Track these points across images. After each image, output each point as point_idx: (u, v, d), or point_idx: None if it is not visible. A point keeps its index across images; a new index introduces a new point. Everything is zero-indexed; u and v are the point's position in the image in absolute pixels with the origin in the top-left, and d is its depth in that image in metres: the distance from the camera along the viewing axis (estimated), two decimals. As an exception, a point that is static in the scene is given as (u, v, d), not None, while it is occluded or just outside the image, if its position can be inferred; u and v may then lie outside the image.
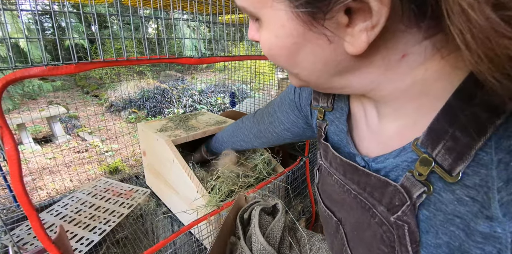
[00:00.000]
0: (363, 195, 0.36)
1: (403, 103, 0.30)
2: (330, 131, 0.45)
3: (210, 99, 5.23)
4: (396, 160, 0.31)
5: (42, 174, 2.80)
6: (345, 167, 0.39)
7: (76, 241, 0.92)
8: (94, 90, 6.60)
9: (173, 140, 0.92)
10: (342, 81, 0.32)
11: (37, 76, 0.39)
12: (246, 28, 0.76)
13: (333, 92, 0.42)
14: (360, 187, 0.36)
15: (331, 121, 0.45)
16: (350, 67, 0.29)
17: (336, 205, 0.43)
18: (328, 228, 0.46)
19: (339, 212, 0.42)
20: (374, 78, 0.30)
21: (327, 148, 0.43)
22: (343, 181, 0.40)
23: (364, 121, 0.38)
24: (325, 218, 0.46)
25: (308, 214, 1.12)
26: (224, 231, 0.56)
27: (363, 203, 0.36)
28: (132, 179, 1.35)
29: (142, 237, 1.11)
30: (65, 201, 1.15)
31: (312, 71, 0.31)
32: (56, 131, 3.55)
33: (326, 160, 0.45)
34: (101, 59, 0.42)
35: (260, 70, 2.14)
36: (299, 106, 0.56)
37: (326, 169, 0.45)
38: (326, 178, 0.45)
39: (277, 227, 0.53)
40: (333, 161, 0.42)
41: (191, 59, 0.51)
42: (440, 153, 0.25)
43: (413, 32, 0.25)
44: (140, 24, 0.46)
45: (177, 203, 1.00)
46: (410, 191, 0.29)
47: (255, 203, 0.58)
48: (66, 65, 0.40)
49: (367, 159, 0.36)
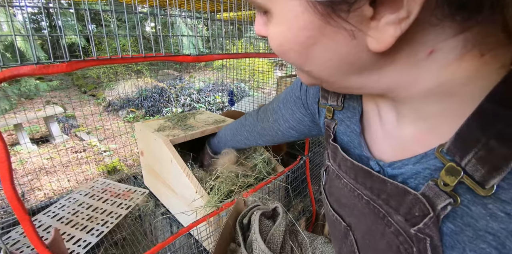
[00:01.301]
0: (376, 202, 0.33)
1: (425, 105, 0.28)
2: (339, 131, 0.43)
3: (208, 98, 5.21)
4: (417, 167, 0.29)
5: (40, 174, 2.78)
6: (356, 171, 0.36)
7: (73, 243, 0.90)
8: (91, 90, 6.56)
9: (171, 140, 0.91)
10: (360, 80, 0.29)
11: (27, 75, 0.37)
12: (245, 26, 0.74)
13: (347, 93, 0.39)
14: (374, 193, 0.34)
15: (340, 121, 0.43)
16: (370, 65, 0.26)
17: (345, 210, 0.41)
18: (336, 233, 0.44)
19: (349, 217, 0.40)
20: (396, 77, 0.27)
21: (336, 149, 0.41)
22: (354, 185, 0.37)
23: (378, 122, 0.36)
24: (333, 222, 0.44)
25: (308, 214, 1.11)
26: (224, 237, 0.54)
27: (376, 210, 0.33)
28: (130, 179, 1.33)
29: (140, 238, 1.10)
30: (62, 202, 1.13)
31: (327, 69, 0.28)
32: (53, 131, 3.53)
33: (335, 162, 0.42)
34: (94, 57, 0.40)
35: (258, 68, 2.12)
36: (306, 104, 0.53)
37: (334, 171, 0.43)
38: (334, 181, 0.43)
39: (278, 231, 0.52)
40: (343, 164, 0.39)
41: (188, 57, 0.50)
42: (471, 163, 0.23)
43: (445, 26, 0.22)
44: (135, 20, 0.45)
45: (175, 204, 0.98)
46: (434, 201, 0.26)
47: (255, 207, 0.57)
48: (58, 64, 0.38)
49: (382, 164, 0.33)
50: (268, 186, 0.87)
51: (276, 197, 0.98)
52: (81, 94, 6.37)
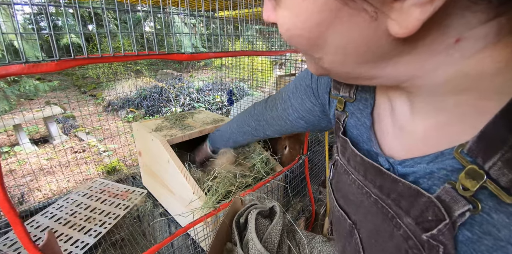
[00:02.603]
0: (385, 201, 0.31)
1: (443, 98, 0.25)
2: (349, 123, 0.41)
3: (208, 97, 5.20)
4: (431, 166, 0.27)
5: (39, 175, 2.77)
6: (366, 167, 0.34)
7: (71, 244, 0.90)
8: (91, 90, 6.56)
9: (169, 140, 0.90)
10: (375, 70, 0.26)
11: (16, 74, 0.36)
12: (243, 25, 0.73)
13: (357, 83, 0.35)
14: (383, 192, 0.32)
15: (351, 113, 0.40)
16: (388, 53, 0.24)
17: (351, 206, 0.39)
18: (340, 230, 0.42)
19: (355, 215, 0.38)
20: (414, 66, 0.24)
21: (346, 143, 0.39)
22: (362, 182, 0.35)
23: (390, 116, 0.34)
24: (338, 218, 0.42)
25: (307, 213, 1.10)
26: (220, 237, 0.54)
27: (385, 210, 0.31)
28: (128, 179, 1.33)
29: (139, 238, 1.09)
30: (60, 203, 1.13)
31: (340, 56, 0.26)
32: (52, 131, 3.52)
33: (344, 156, 0.40)
34: (85, 56, 0.39)
35: (258, 67, 2.11)
36: (316, 93, 0.51)
37: (342, 166, 0.41)
38: (342, 176, 0.41)
39: (275, 231, 0.51)
40: (352, 159, 0.37)
41: (182, 55, 0.49)
42: (496, 166, 0.21)
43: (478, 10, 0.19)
44: (128, 17, 0.44)
45: (173, 204, 0.97)
46: (450, 207, 0.24)
47: (251, 206, 0.56)
48: (47, 63, 0.37)
49: (393, 161, 0.31)
50: (266, 186, 0.87)
51: (275, 196, 0.97)
52: (80, 95, 6.37)
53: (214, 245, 0.51)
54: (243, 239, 0.52)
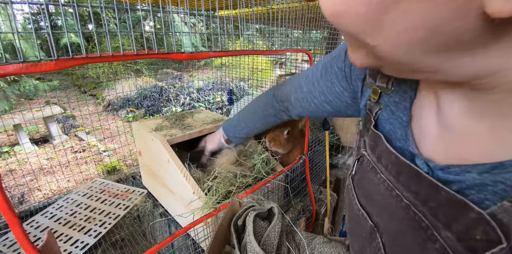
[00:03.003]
0: (419, 208, 0.28)
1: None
2: (382, 117, 0.37)
3: (208, 97, 5.20)
4: (484, 178, 0.23)
5: (39, 175, 2.77)
6: (401, 169, 0.30)
7: (71, 244, 0.89)
8: (91, 90, 6.56)
9: (169, 140, 0.90)
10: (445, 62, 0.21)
11: (13, 74, 0.36)
12: (243, 24, 0.73)
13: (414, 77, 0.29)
14: (418, 198, 0.28)
15: (385, 106, 0.36)
16: (473, 39, 0.18)
17: (375, 207, 0.35)
18: (358, 230, 0.39)
19: (378, 217, 0.35)
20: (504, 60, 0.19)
21: (378, 139, 0.35)
22: (394, 183, 0.31)
23: (434, 115, 0.29)
24: (357, 217, 0.38)
25: (308, 213, 1.09)
26: (218, 239, 0.53)
27: (417, 218, 0.28)
28: (128, 179, 1.32)
29: (139, 238, 1.09)
30: (60, 203, 1.13)
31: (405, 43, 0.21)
32: (52, 131, 3.52)
33: (374, 152, 0.36)
34: (84, 55, 0.39)
35: (258, 67, 2.11)
36: (349, 78, 0.46)
37: (370, 162, 0.36)
38: (369, 174, 0.37)
39: (273, 233, 0.50)
40: (385, 157, 0.33)
41: (182, 54, 0.48)
42: None
43: None
44: (126, 16, 0.43)
45: (173, 204, 0.97)
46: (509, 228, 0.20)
47: (249, 208, 0.55)
48: (45, 62, 0.37)
49: (433, 166, 0.28)
50: (267, 186, 0.86)
51: (275, 196, 0.96)
52: (80, 94, 6.37)
53: (212, 248, 0.50)
54: (242, 242, 0.52)
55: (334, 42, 1.43)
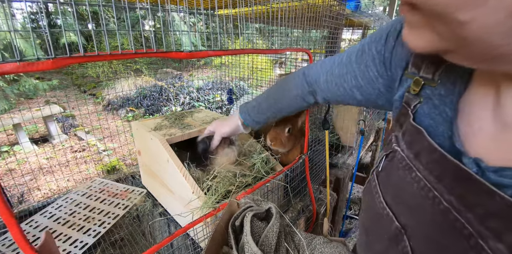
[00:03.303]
0: (462, 214, 0.25)
1: None
2: (421, 111, 0.34)
3: (208, 96, 5.20)
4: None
5: (39, 174, 2.77)
6: (445, 168, 0.28)
7: (70, 244, 0.89)
8: (91, 89, 6.55)
9: (168, 139, 0.89)
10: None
11: (10, 73, 0.36)
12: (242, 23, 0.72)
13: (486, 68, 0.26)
14: (463, 203, 0.25)
15: (427, 99, 0.33)
16: None
17: (403, 208, 0.33)
18: (380, 229, 0.36)
19: (406, 218, 0.32)
20: None
21: (419, 134, 0.31)
22: (432, 184, 0.29)
23: (491, 110, 0.27)
24: (379, 216, 0.36)
25: (308, 213, 1.09)
26: (216, 240, 0.53)
27: (458, 224, 0.25)
28: (128, 178, 1.32)
29: (138, 238, 1.09)
30: (59, 202, 1.12)
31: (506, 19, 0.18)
32: (52, 131, 3.52)
33: (411, 148, 0.33)
34: (81, 53, 0.39)
35: (258, 66, 2.10)
36: (388, 64, 0.42)
37: (404, 159, 0.34)
38: (400, 171, 0.34)
39: (271, 233, 0.50)
40: (425, 154, 0.30)
41: (181, 53, 0.48)
42: None
43: None
44: (125, 14, 0.43)
45: (173, 204, 0.97)
46: None
47: (247, 209, 0.55)
48: (43, 61, 0.37)
49: (485, 166, 0.25)
50: (266, 186, 0.86)
51: (275, 196, 0.96)
52: (80, 94, 6.37)
53: (209, 248, 0.50)
54: (239, 243, 0.52)
55: (334, 41, 1.43)
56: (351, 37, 2.97)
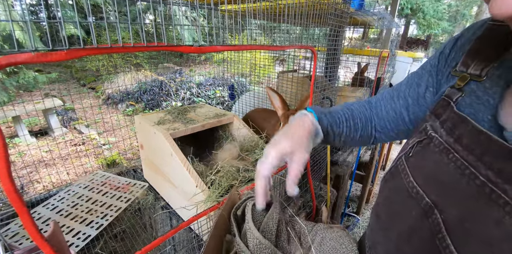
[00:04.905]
0: (499, 186, 0.29)
1: None
2: (463, 102, 0.39)
3: (208, 92, 5.19)
4: None
5: (39, 167, 2.77)
6: (487, 147, 0.32)
7: (73, 236, 0.90)
8: (90, 83, 6.52)
9: (172, 133, 0.90)
10: None
11: (25, 63, 0.36)
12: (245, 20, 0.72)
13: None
14: (501, 176, 0.29)
15: (470, 93, 0.39)
16: None
17: (436, 187, 0.37)
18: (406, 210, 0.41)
19: (438, 195, 0.37)
20: None
21: (464, 121, 0.36)
22: (471, 162, 0.33)
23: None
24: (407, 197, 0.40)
25: (308, 209, 1.10)
26: (219, 229, 0.54)
27: (494, 196, 0.30)
28: (129, 172, 1.33)
29: (140, 231, 1.10)
30: (62, 194, 1.13)
31: None
32: (52, 124, 3.51)
33: (451, 134, 0.38)
34: (95, 45, 0.39)
35: (259, 63, 2.10)
36: (440, 69, 0.48)
37: (442, 144, 0.38)
38: (435, 155, 0.39)
39: (271, 220, 0.51)
40: (468, 138, 0.35)
41: (191, 47, 0.48)
42: None
43: None
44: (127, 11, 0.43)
45: (175, 197, 0.98)
46: None
47: (248, 199, 0.56)
48: (57, 52, 0.37)
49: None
50: (269, 181, 0.87)
51: (276, 191, 0.97)
52: (80, 87, 6.33)
53: (213, 236, 0.51)
54: (241, 231, 0.53)
55: (336, 39, 1.43)
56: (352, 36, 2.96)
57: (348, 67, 2.69)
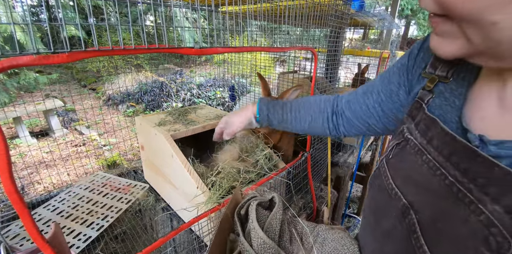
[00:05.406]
0: (465, 185, 0.30)
1: None
2: (433, 104, 0.40)
3: (208, 93, 5.19)
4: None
5: (39, 168, 2.77)
6: (454, 148, 0.33)
7: (74, 237, 0.90)
8: (91, 84, 6.53)
9: (172, 135, 0.90)
10: None
11: (26, 65, 0.36)
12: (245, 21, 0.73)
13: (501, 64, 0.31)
14: (467, 176, 0.30)
15: (439, 94, 0.40)
16: None
17: (411, 187, 0.38)
18: (387, 210, 0.42)
19: (414, 196, 0.37)
20: None
21: (433, 123, 0.37)
22: (441, 164, 0.34)
23: (496, 96, 0.32)
24: (388, 197, 0.41)
25: (309, 210, 1.10)
26: (223, 228, 0.54)
27: (461, 195, 0.30)
28: (130, 173, 1.33)
29: (141, 232, 1.10)
30: (62, 195, 1.13)
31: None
32: (52, 125, 3.52)
33: (424, 135, 0.38)
34: (96, 48, 0.39)
35: (259, 64, 2.10)
36: (411, 69, 0.48)
37: (416, 146, 0.39)
38: (410, 156, 0.40)
39: (275, 220, 0.51)
40: (437, 139, 0.36)
41: (192, 49, 0.49)
42: None
43: None
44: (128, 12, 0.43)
45: (176, 199, 0.98)
46: None
47: (252, 198, 0.57)
48: (58, 54, 0.37)
49: (487, 140, 0.30)
50: (269, 182, 0.87)
51: (277, 193, 0.97)
52: (81, 88, 6.35)
53: (217, 235, 0.51)
54: (245, 230, 0.53)
55: (337, 40, 1.43)
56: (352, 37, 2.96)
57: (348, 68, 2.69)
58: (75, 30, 5.21)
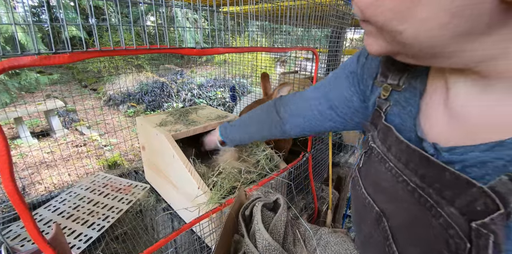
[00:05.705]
0: (425, 190, 0.31)
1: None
2: (391, 112, 0.40)
3: (209, 93, 5.19)
4: (486, 155, 0.26)
5: (40, 168, 2.78)
6: (409, 155, 0.33)
7: (75, 238, 0.90)
8: (92, 84, 6.54)
9: (173, 135, 0.90)
10: (464, 45, 0.24)
11: (27, 66, 0.36)
12: (246, 21, 0.73)
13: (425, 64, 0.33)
14: (425, 181, 0.31)
15: (395, 102, 0.39)
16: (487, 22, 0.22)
17: (381, 195, 0.39)
18: (365, 217, 0.42)
19: (384, 203, 0.38)
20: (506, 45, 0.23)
21: (389, 131, 0.38)
22: (401, 170, 0.35)
23: (443, 103, 0.33)
24: (363, 206, 0.42)
25: (310, 211, 1.10)
26: (227, 229, 0.54)
27: (422, 200, 0.31)
28: (131, 173, 1.33)
29: (141, 232, 1.10)
30: (63, 196, 1.13)
31: (430, 27, 0.24)
32: (53, 125, 3.52)
33: (384, 144, 0.39)
34: (98, 48, 0.39)
35: (259, 64, 2.10)
36: (360, 78, 0.47)
37: (379, 154, 0.40)
38: (376, 164, 0.40)
39: (279, 222, 0.52)
40: (395, 147, 0.36)
41: (193, 49, 0.48)
42: None
43: None
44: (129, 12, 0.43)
45: (177, 199, 0.98)
46: (506, 198, 0.24)
47: (256, 199, 0.57)
48: (60, 55, 0.37)
49: (440, 147, 0.30)
50: (271, 183, 0.87)
51: (278, 193, 0.97)
52: (81, 88, 6.35)
53: (222, 237, 0.51)
54: (250, 231, 0.53)
55: (338, 40, 1.43)
56: (353, 37, 2.96)
57: (349, 68, 2.68)
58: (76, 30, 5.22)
